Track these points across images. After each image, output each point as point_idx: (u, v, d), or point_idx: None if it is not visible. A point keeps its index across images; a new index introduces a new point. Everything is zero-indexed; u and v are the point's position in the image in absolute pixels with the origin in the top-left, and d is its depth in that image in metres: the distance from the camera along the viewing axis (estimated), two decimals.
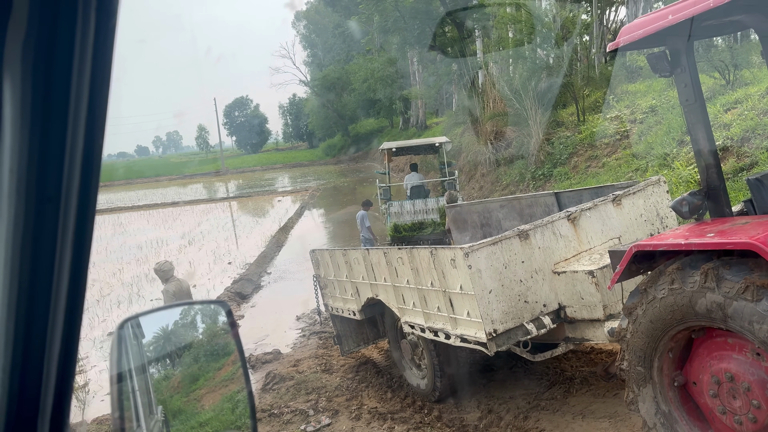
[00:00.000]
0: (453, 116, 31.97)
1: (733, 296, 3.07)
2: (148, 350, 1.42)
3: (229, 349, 1.51)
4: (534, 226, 5.28)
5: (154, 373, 1.47)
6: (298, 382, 7.67)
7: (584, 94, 17.67)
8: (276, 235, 20.01)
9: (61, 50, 0.66)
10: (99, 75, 0.70)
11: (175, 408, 1.50)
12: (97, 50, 0.68)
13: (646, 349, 3.70)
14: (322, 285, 8.31)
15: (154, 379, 1.47)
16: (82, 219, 0.73)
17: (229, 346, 1.49)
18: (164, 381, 1.53)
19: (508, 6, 19.38)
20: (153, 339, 1.43)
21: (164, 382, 1.52)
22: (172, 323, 1.46)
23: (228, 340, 1.47)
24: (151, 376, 1.47)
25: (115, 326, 1.23)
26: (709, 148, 3.72)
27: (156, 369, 1.48)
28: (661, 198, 6.01)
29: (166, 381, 1.54)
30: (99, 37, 0.67)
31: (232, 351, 1.48)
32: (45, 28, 0.64)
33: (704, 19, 3.39)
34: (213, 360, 1.55)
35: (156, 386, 1.44)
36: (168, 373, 1.55)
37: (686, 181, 10.00)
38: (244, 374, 1.26)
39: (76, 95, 0.68)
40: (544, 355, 5.37)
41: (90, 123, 0.71)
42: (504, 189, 17.53)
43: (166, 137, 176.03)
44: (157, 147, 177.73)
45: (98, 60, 0.69)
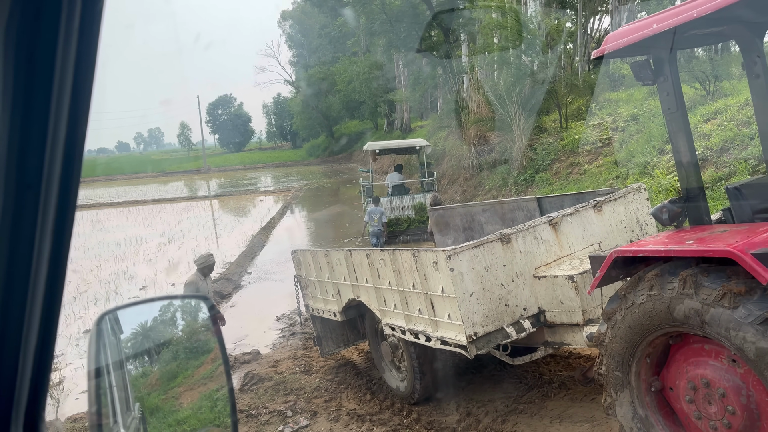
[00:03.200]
0: (437, 120, 32.07)
1: (711, 303, 3.11)
2: (126, 346, 1.40)
3: (209, 346, 1.49)
4: (516, 231, 5.31)
5: (131, 369, 1.44)
6: (276, 383, 7.62)
7: (567, 101, 17.84)
8: (257, 234, 19.88)
9: (46, 35, 0.64)
10: (84, 63, 0.69)
11: (153, 405, 1.47)
12: (83, 36, 0.67)
13: (624, 354, 3.74)
14: (303, 286, 8.28)
15: (131, 375, 1.45)
16: (63, 208, 0.72)
17: (209, 343, 1.47)
18: (142, 378, 1.50)
19: (494, 12, 19.51)
20: (131, 335, 1.40)
21: (142, 379, 1.49)
22: (151, 319, 1.43)
23: (208, 336, 1.45)
24: (129, 372, 1.44)
25: (91, 323, 1.20)
26: (689, 156, 3.77)
27: (134, 365, 1.45)
28: (641, 205, 6.07)
29: (144, 378, 1.51)
30: (84, 23, 0.66)
31: (211, 348, 1.46)
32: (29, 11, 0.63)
33: (687, 29, 3.44)
34: (192, 357, 1.52)
35: (133, 383, 1.42)
36: (146, 369, 1.53)
37: (666, 189, 10.14)
38: (225, 371, 1.24)
39: (59, 81, 0.66)
40: (524, 359, 5.40)
41: (73, 110, 0.69)
42: (487, 193, 17.62)
43: (147, 134, 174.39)
44: (138, 143, 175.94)
45: (83, 47, 0.68)
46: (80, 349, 9.70)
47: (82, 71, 0.69)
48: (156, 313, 1.42)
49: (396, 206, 16.35)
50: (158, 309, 1.44)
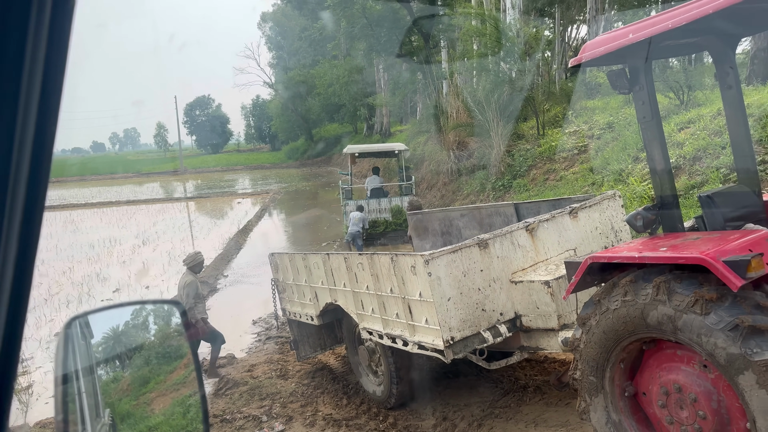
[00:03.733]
0: (417, 125, 32.18)
1: (683, 309, 3.15)
2: (96, 351, 1.36)
3: (181, 351, 1.46)
4: (493, 236, 5.34)
5: (102, 374, 1.41)
6: (252, 388, 7.55)
7: (545, 108, 18.04)
8: (234, 237, 19.71)
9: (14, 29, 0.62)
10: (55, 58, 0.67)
11: (124, 411, 1.44)
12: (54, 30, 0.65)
13: (598, 359, 3.78)
14: (280, 289, 8.22)
15: (102, 381, 1.41)
16: (31, 209, 0.70)
17: (182, 349, 1.44)
18: (113, 383, 1.47)
19: (473, 19, 19.66)
20: (102, 339, 1.36)
21: (113, 385, 1.46)
22: (123, 323, 1.40)
23: (181, 341, 1.42)
24: (99, 377, 1.40)
25: (60, 326, 1.18)
26: (664, 164, 3.83)
27: (104, 371, 1.42)
28: (616, 212, 6.15)
29: (115, 383, 1.48)
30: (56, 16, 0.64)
31: (184, 354, 1.43)
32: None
33: (663, 39, 3.50)
34: (165, 362, 1.49)
35: (104, 388, 1.38)
36: (117, 375, 1.49)
37: (640, 196, 10.29)
38: (197, 377, 1.22)
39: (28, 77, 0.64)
40: (500, 364, 5.42)
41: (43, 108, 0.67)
42: (465, 198, 17.72)
43: (123, 134, 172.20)
44: (113, 143, 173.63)
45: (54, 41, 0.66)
46: (50, 353, 9.51)
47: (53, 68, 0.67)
48: (128, 317, 1.39)
49: (373, 209, 16.64)
50: (130, 314, 1.41)
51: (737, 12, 3.37)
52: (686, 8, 3.28)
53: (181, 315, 1.27)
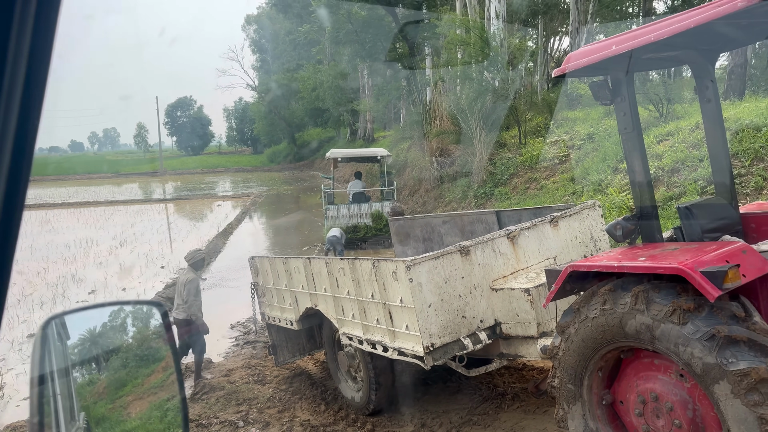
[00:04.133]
0: (400, 131, 32.25)
1: (661, 319, 3.19)
2: (72, 353, 1.33)
3: (160, 354, 1.43)
4: (475, 243, 5.36)
5: (78, 377, 1.37)
6: (228, 393, 7.47)
7: (527, 118, 18.19)
8: (214, 240, 19.53)
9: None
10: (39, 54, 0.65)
11: (99, 415, 1.40)
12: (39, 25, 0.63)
13: (577, 367, 3.80)
14: (259, 293, 8.16)
15: (77, 383, 1.38)
16: (10, 208, 0.68)
17: (161, 351, 1.41)
18: (88, 386, 1.44)
19: (458, 28, 19.79)
20: (78, 341, 1.33)
21: (88, 387, 1.42)
22: (101, 324, 1.37)
23: (160, 344, 1.40)
24: (75, 380, 1.37)
25: (36, 327, 1.15)
26: (644, 175, 3.88)
27: (80, 373, 1.38)
28: (596, 221, 6.22)
29: (91, 386, 1.44)
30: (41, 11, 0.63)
31: (163, 356, 1.40)
32: None
33: (645, 52, 3.55)
34: (143, 365, 1.46)
35: (79, 391, 1.35)
36: (93, 377, 1.46)
37: (619, 207, 10.41)
38: (177, 380, 1.19)
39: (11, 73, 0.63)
40: (479, 371, 5.43)
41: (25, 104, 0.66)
42: (447, 205, 17.78)
43: (102, 133, 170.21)
44: (92, 143, 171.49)
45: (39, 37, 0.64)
46: (23, 354, 9.32)
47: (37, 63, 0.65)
48: (106, 318, 1.36)
49: (354, 213, 16.70)
50: (108, 315, 1.37)
51: (717, 27, 3.43)
52: (668, 22, 3.34)
53: (162, 316, 1.25)
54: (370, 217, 16.68)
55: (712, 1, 3.16)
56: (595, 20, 29.80)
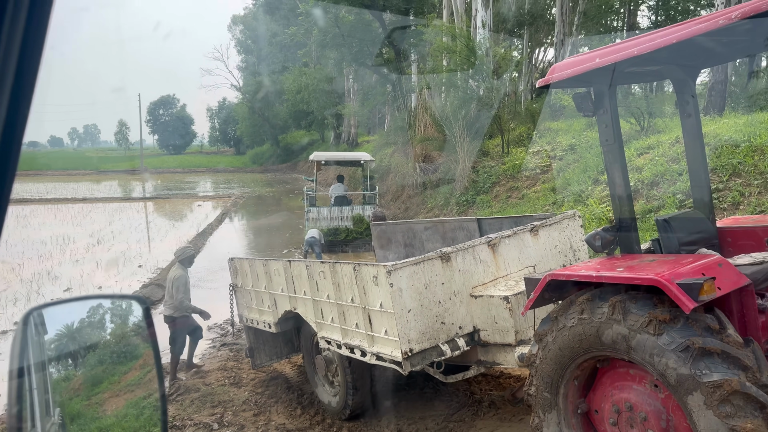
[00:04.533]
0: (384, 136, 32.31)
1: (637, 329, 3.23)
2: (49, 347, 1.31)
3: (138, 351, 1.42)
4: (456, 249, 5.38)
5: (53, 372, 1.35)
6: (204, 395, 7.39)
7: (510, 127, 18.35)
8: (193, 240, 19.34)
9: None
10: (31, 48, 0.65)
11: (74, 411, 1.38)
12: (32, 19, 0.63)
13: (553, 375, 3.83)
14: (238, 295, 8.09)
15: (53, 378, 1.35)
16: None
17: (139, 349, 1.40)
18: (64, 382, 1.41)
19: (444, 35, 19.90)
20: (56, 336, 1.31)
21: (64, 383, 1.40)
22: (78, 320, 1.34)
23: (138, 341, 1.38)
24: (51, 375, 1.35)
25: (10, 323, 1.13)
26: (624, 188, 3.93)
27: (56, 368, 1.36)
28: (575, 231, 6.28)
29: (67, 382, 1.42)
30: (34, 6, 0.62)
31: (140, 354, 1.39)
32: None
33: (628, 65, 3.60)
34: (119, 362, 1.44)
35: (55, 386, 1.33)
36: (69, 373, 1.43)
37: (598, 218, 10.53)
38: (158, 376, 1.18)
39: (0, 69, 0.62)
40: (456, 377, 5.44)
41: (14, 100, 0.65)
42: (429, 211, 17.83)
43: (83, 130, 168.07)
44: (72, 139, 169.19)
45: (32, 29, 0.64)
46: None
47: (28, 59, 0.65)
48: (85, 313, 1.33)
49: (336, 216, 16.95)
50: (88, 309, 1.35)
51: (699, 44, 3.50)
52: (651, 37, 3.39)
53: (144, 312, 1.23)
54: (351, 221, 16.92)
55: (694, 17, 3.22)
56: (580, 32, 30.20)
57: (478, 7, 20.11)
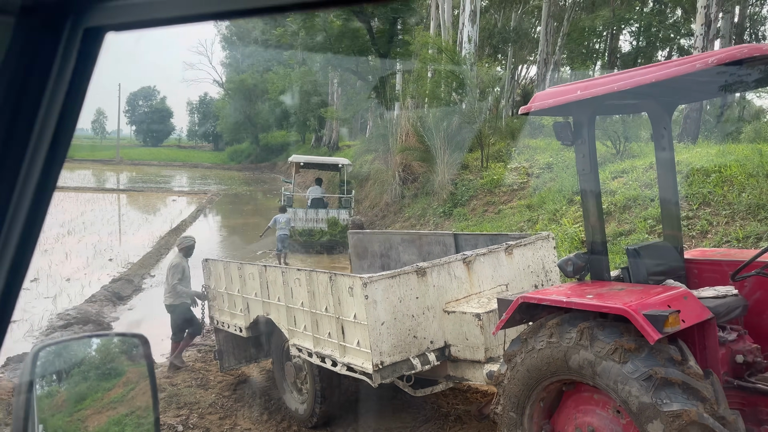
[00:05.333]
0: (366, 142, 32.38)
1: (603, 356, 3.33)
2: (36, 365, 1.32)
3: (121, 369, 1.44)
4: (432, 265, 5.45)
5: (37, 388, 1.37)
6: (170, 395, 7.33)
7: (490, 142, 18.55)
8: (166, 236, 19.15)
9: None
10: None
11: (56, 427, 1.40)
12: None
13: (520, 396, 3.91)
14: (210, 297, 8.05)
15: (37, 394, 1.37)
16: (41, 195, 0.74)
17: (123, 367, 1.42)
18: (47, 398, 1.43)
19: (430, 48, 20.07)
20: (43, 353, 1.32)
21: (47, 399, 1.42)
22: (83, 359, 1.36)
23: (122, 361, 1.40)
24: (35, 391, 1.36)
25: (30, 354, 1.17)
26: (597, 215, 4.05)
27: (41, 384, 1.38)
28: (549, 252, 6.40)
29: (50, 398, 1.43)
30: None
31: (124, 372, 1.41)
32: None
33: (608, 99, 3.72)
34: (103, 380, 1.46)
35: (38, 403, 1.34)
36: (53, 389, 1.45)
37: (571, 237, 10.72)
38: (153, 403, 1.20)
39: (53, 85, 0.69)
40: (425, 391, 5.50)
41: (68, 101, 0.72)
42: (406, 221, 17.92)
43: None
44: None
45: None
46: None
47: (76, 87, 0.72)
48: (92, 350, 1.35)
49: (311, 218, 17.53)
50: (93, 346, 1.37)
51: (676, 83, 3.63)
52: (631, 74, 3.52)
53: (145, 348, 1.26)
54: (326, 223, 17.43)
55: (674, 58, 3.35)
56: (563, 52, 30.71)
57: (465, 22, 20.35)
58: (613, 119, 17.28)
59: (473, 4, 20.07)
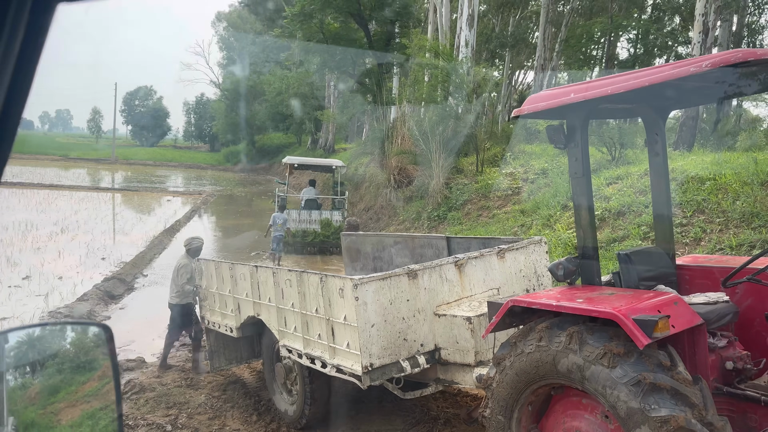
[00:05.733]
0: (362, 145, 32.37)
1: (592, 360, 3.31)
2: (8, 356, 1.30)
3: (97, 363, 1.41)
4: (423, 267, 5.43)
5: (10, 380, 1.34)
6: (159, 395, 7.28)
7: (485, 146, 18.57)
8: (159, 236, 19.08)
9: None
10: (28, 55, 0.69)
11: (28, 420, 1.37)
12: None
13: (508, 399, 3.89)
14: (202, 296, 8.02)
15: (8, 386, 1.34)
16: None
17: (98, 361, 1.39)
18: (20, 390, 1.40)
19: (427, 51, 20.09)
20: (16, 344, 1.30)
21: (19, 392, 1.39)
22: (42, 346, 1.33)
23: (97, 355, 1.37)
24: (7, 382, 1.34)
25: None
26: (588, 220, 4.04)
27: (13, 375, 1.35)
28: (541, 257, 6.39)
29: (23, 390, 1.41)
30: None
31: (99, 366, 1.39)
32: None
33: (601, 102, 3.71)
34: (78, 373, 1.44)
35: (10, 395, 1.32)
36: (26, 381, 1.42)
37: (565, 243, 10.72)
38: (116, 400, 1.18)
39: None
40: (414, 394, 5.48)
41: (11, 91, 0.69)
42: (400, 224, 17.90)
43: (55, 114, 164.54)
44: (43, 123, 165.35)
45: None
46: None
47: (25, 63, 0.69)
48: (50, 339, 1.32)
49: (304, 219, 17.73)
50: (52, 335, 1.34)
51: (670, 88, 3.63)
52: (625, 78, 3.51)
53: (107, 339, 1.23)
54: (319, 224, 17.64)
55: (669, 62, 3.35)
56: (560, 58, 30.81)
57: (462, 26, 20.38)
58: (608, 125, 17.33)
59: (471, 9, 20.11)
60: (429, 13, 27.36)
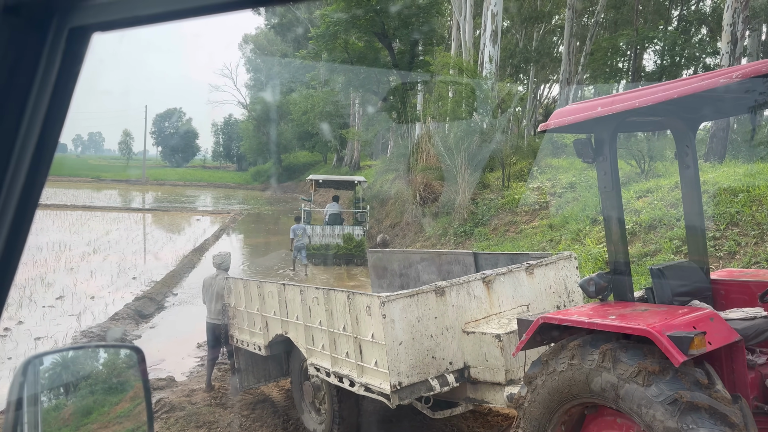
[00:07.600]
0: (387, 162, 32.45)
1: (627, 378, 3.23)
2: (43, 378, 1.32)
3: (129, 384, 1.43)
4: (451, 284, 5.39)
5: (44, 401, 1.36)
6: (189, 414, 7.32)
7: (511, 161, 18.47)
8: (189, 255, 19.33)
9: None
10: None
11: None
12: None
13: (541, 419, 3.82)
14: (230, 315, 8.07)
15: (43, 408, 1.36)
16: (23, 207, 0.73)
17: (130, 382, 1.41)
18: (54, 411, 1.42)
19: (451, 68, 20.15)
20: (50, 365, 1.32)
21: (54, 413, 1.41)
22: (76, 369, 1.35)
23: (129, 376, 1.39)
24: (42, 404, 1.36)
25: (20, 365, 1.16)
26: (619, 234, 3.97)
27: (47, 397, 1.37)
28: (571, 273, 6.29)
29: (57, 411, 1.42)
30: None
31: (131, 387, 1.40)
32: None
33: (629, 115, 3.67)
34: (110, 394, 1.45)
35: (45, 417, 1.33)
36: (60, 403, 1.44)
37: (595, 258, 10.55)
38: (148, 420, 1.18)
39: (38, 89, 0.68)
40: (444, 413, 5.41)
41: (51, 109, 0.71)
42: (426, 240, 17.85)
43: (87, 137, 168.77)
44: (76, 146, 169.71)
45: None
46: None
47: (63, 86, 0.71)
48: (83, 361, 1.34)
49: (328, 234, 18.69)
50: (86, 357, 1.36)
51: (699, 99, 3.57)
52: (653, 90, 3.46)
53: (139, 361, 1.24)
54: (342, 238, 18.53)
55: (697, 73, 3.30)
56: (585, 72, 30.60)
57: (486, 42, 20.40)
58: (637, 138, 17.11)
59: (494, 24, 20.13)
60: (452, 30, 27.49)
